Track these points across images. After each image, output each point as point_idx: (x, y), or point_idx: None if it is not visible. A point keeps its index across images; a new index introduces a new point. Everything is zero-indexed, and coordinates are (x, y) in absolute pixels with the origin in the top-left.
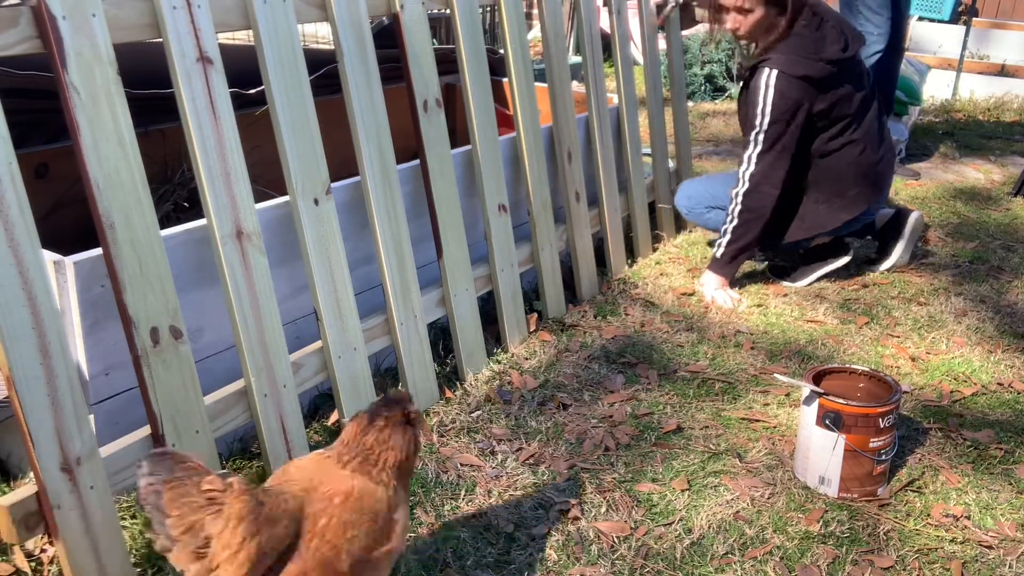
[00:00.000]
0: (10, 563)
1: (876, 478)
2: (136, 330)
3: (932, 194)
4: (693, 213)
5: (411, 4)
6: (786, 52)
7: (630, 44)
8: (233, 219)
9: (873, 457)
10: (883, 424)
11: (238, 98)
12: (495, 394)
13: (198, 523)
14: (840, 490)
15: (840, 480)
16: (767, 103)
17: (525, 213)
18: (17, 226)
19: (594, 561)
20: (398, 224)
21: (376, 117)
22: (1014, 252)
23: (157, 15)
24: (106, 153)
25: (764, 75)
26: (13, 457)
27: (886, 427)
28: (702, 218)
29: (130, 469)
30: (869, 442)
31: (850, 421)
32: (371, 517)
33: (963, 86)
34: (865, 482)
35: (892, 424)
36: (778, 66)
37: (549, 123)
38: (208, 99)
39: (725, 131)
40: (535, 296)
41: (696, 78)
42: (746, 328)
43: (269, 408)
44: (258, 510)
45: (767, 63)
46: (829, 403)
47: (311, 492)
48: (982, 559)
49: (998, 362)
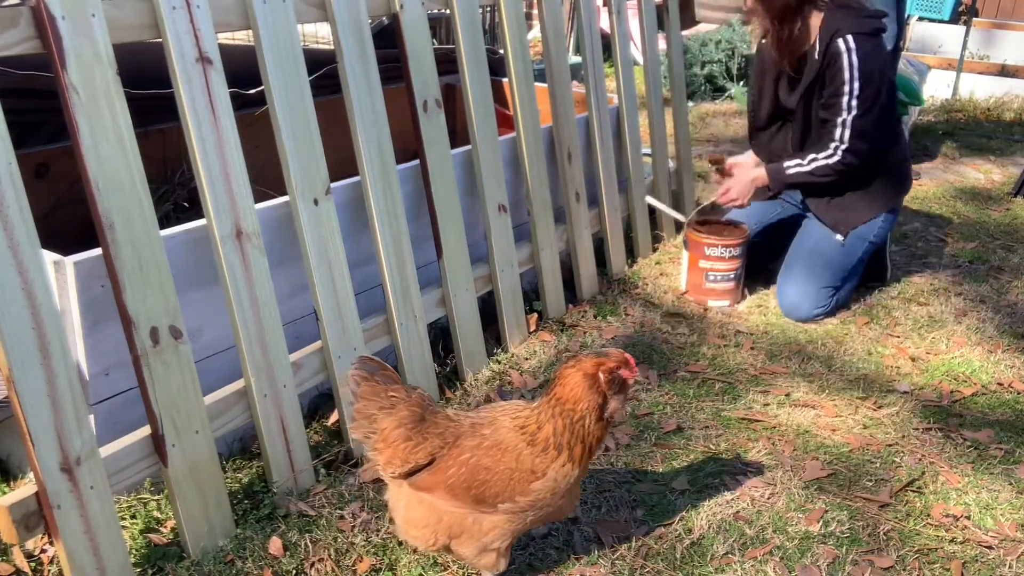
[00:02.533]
0: (10, 563)
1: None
2: (136, 330)
3: (932, 194)
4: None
5: (411, 4)
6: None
7: (630, 44)
8: (233, 219)
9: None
10: (708, 252)
11: (238, 98)
12: (495, 394)
13: (374, 415)
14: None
15: (687, 284)
16: (854, 68)
17: (525, 213)
18: (17, 226)
19: (594, 561)
20: (398, 224)
21: (376, 117)
22: (1014, 252)
23: (157, 15)
24: (106, 153)
25: (840, 43)
26: (13, 457)
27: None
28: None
29: (130, 469)
30: (699, 261)
31: (692, 245)
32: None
33: (963, 86)
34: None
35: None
36: (851, 30)
37: (549, 123)
38: (208, 99)
39: (725, 131)
40: (535, 296)
41: (696, 78)
42: (746, 328)
43: (269, 408)
44: (416, 422)
45: (836, 33)
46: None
47: (476, 429)
48: (982, 559)
49: (998, 362)
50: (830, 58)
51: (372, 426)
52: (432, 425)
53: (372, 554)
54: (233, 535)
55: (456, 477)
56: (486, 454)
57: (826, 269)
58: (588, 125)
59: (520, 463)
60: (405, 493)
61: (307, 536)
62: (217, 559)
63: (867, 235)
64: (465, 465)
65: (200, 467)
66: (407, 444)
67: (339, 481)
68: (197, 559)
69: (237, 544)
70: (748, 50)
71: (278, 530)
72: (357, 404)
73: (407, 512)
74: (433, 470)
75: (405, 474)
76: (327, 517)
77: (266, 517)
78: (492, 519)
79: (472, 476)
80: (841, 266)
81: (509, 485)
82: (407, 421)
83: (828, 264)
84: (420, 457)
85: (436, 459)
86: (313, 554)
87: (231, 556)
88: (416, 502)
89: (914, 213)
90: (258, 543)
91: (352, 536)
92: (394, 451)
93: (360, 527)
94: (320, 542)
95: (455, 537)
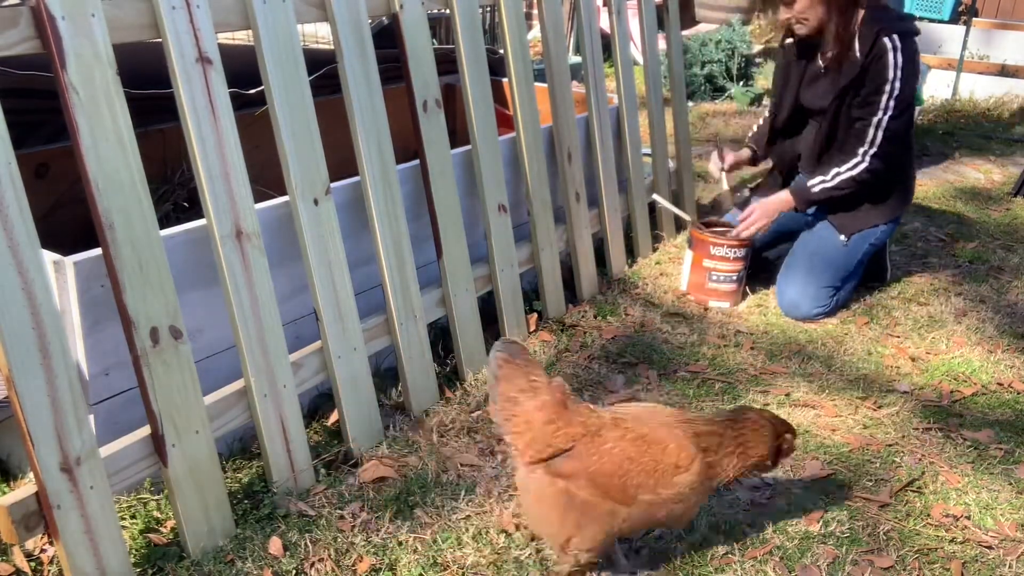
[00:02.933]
0: (10, 563)
1: (708, 290)
2: (136, 330)
3: (932, 194)
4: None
5: (411, 4)
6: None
7: (630, 44)
8: (233, 219)
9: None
10: (713, 252)
11: (238, 98)
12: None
13: (515, 397)
14: (687, 289)
15: (688, 283)
16: (898, 68)
17: (525, 213)
18: (17, 226)
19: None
20: (398, 224)
21: (376, 117)
22: (1014, 252)
23: (156, 15)
24: (106, 153)
25: (887, 41)
26: (13, 457)
27: (718, 256)
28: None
29: (130, 469)
30: (703, 260)
31: (696, 244)
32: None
33: (963, 86)
34: (701, 290)
35: (725, 256)
36: (897, 30)
37: (549, 123)
38: (208, 99)
39: (725, 131)
40: (535, 296)
41: (696, 78)
42: (746, 328)
43: (269, 408)
44: (559, 407)
45: (882, 31)
46: (693, 231)
47: (618, 423)
48: (982, 559)
49: (998, 362)
50: (875, 55)
51: (514, 408)
52: (575, 413)
53: (372, 554)
54: (233, 535)
55: (599, 465)
56: (631, 445)
57: (827, 269)
58: (588, 125)
59: (666, 455)
60: (537, 478)
61: (307, 536)
62: (217, 559)
63: (869, 237)
64: (609, 454)
65: (200, 467)
66: (550, 427)
67: (339, 481)
68: (197, 559)
69: (237, 544)
70: (748, 50)
71: (278, 530)
72: (499, 386)
73: (539, 497)
74: (574, 456)
75: (544, 459)
76: (327, 517)
77: (266, 517)
78: (626, 510)
79: (617, 465)
80: (842, 266)
81: (652, 476)
82: (550, 405)
83: (829, 264)
84: (561, 442)
85: (576, 446)
86: (313, 554)
87: (231, 556)
88: (549, 488)
89: (914, 213)
90: (258, 543)
91: (352, 536)
92: (536, 434)
93: (360, 527)
94: (320, 542)
95: (583, 526)
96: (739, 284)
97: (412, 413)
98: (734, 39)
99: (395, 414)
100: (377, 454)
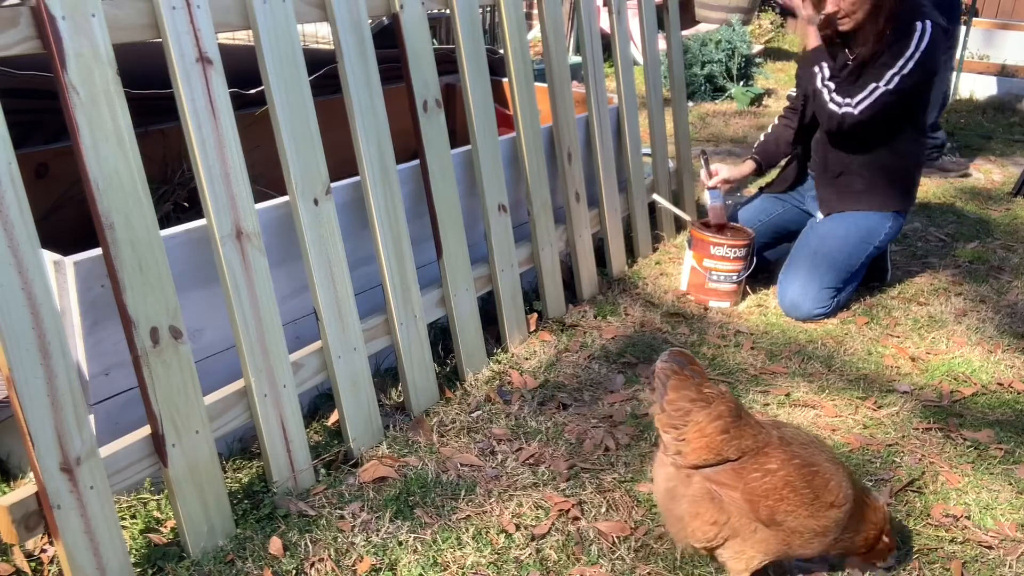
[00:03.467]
0: (10, 563)
1: (708, 290)
2: (136, 330)
3: (932, 194)
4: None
5: (411, 4)
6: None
7: (630, 44)
8: (233, 219)
9: (705, 273)
10: (713, 252)
11: (238, 98)
12: (495, 394)
13: (687, 408)
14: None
15: (688, 283)
16: (919, 50)
17: (525, 213)
18: (17, 226)
19: (594, 561)
20: (398, 224)
21: (376, 117)
22: (1014, 252)
23: (156, 15)
24: (106, 153)
25: (919, 25)
26: (13, 457)
27: (718, 256)
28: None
29: (130, 469)
30: (703, 260)
31: (696, 244)
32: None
33: (963, 86)
34: (701, 290)
35: (725, 256)
36: (932, 18)
37: (549, 123)
38: (208, 99)
39: (725, 131)
40: (535, 296)
41: (696, 78)
42: (746, 328)
43: (269, 408)
44: (735, 419)
45: (918, 16)
46: (693, 231)
47: (784, 444)
48: (982, 559)
49: (998, 362)
50: (902, 33)
51: (685, 418)
52: (747, 425)
53: (372, 554)
54: (233, 535)
55: (759, 483)
56: (796, 472)
57: (829, 269)
58: (588, 125)
59: (827, 492)
60: (696, 484)
61: (307, 536)
62: (217, 559)
63: (873, 239)
64: (772, 476)
65: (200, 467)
66: (724, 437)
67: (339, 481)
68: (197, 559)
69: (237, 544)
70: (748, 50)
71: (278, 530)
72: (668, 396)
73: (694, 505)
74: (737, 468)
75: (708, 465)
76: (327, 517)
77: (266, 517)
78: (766, 532)
79: (776, 488)
80: (844, 267)
81: (808, 508)
82: (726, 415)
83: (831, 264)
84: (731, 452)
85: (742, 459)
86: (313, 554)
87: (231, 556)
88: (705, 496)
89: (914, 213)
90: (258, 543)
91: (352, 536)
92: (708, 442)
93: (360, 527)
94: (320, 542)
95: (732, 539)
96: (739, 285)
97: (412, 413)
98: (734, 39)
99: (395, 414)
100: (377, 454)
